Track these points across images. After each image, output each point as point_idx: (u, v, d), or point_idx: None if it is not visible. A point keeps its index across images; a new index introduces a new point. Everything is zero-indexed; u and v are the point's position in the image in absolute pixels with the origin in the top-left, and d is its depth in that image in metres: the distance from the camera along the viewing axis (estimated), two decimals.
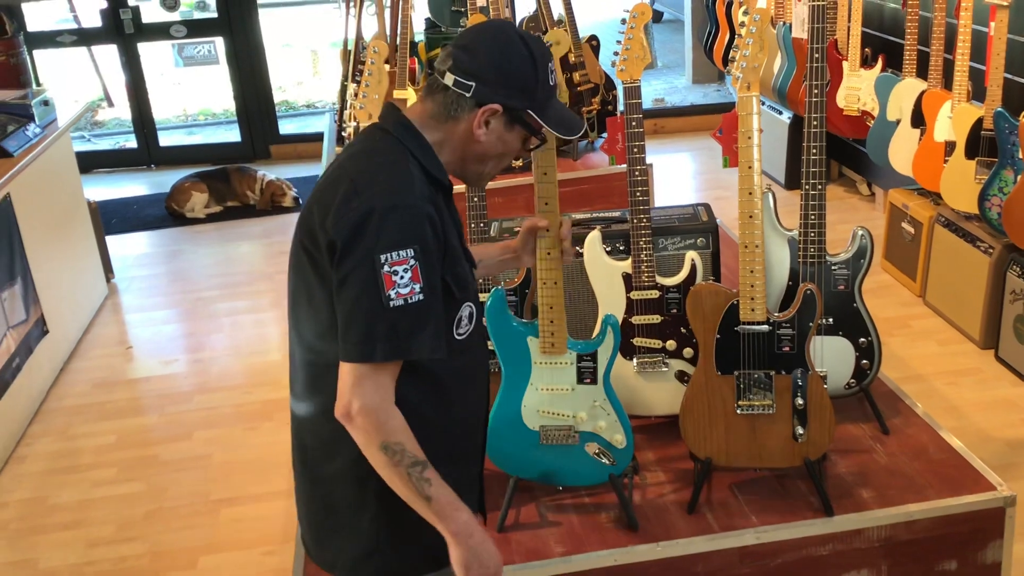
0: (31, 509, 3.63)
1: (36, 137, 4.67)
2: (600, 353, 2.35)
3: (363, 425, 1.64)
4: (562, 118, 1.81)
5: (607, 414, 2.39)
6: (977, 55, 4.11)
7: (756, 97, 2.44)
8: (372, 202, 1.62)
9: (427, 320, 1.64)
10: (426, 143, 1.74)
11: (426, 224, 1.64)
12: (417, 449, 1.66)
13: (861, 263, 2.68)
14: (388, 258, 1.60)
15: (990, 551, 2.52)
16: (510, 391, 2.39)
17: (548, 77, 1.77)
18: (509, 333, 2.34)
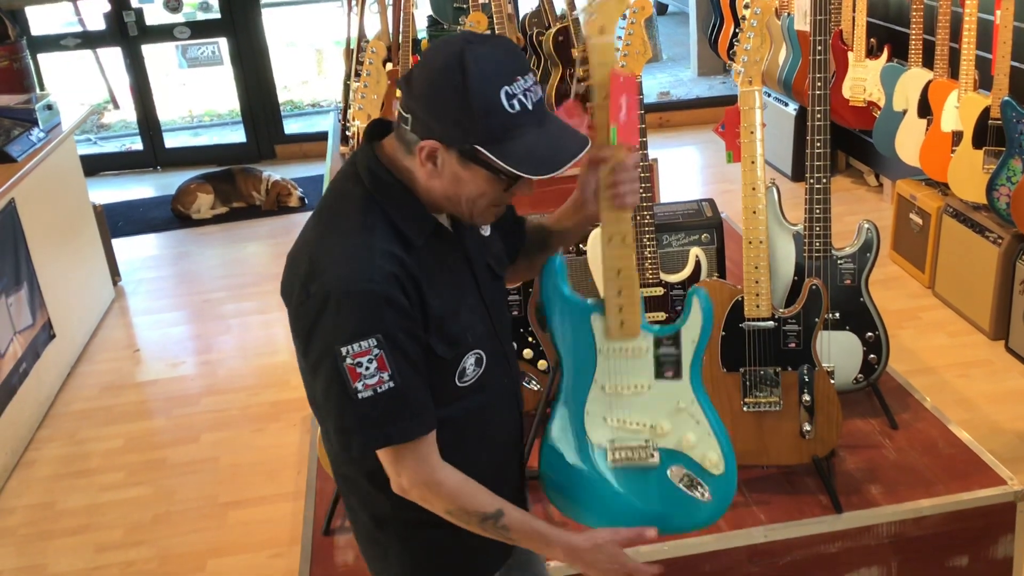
0: (40, 514, 3.64)
1: (40, 142, 4.66)
2: (685, 335, 1.72)
3: (419, 499, 1.60)
4: (531, 152, 1.47)
5: (696, 423, 1.73)
6: (983, 43, 4.07)
7: (758, 91, 2.42)
8: (326, 288, 1.49)
9: (401, 406, 1.53)
10: (399, 188, 1.56)
11: (384, 310, 1.48)
12: (481, 503, 1.60)
13: (867, 257, 2.66)
14: (349, 350, 1.48)
15: (1001, 546, 2.50)
16: (571, 395, 1.77)
17: (498, 104, 1.44)
18: (567, 311, 1.75)
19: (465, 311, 1.62)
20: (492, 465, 1.72)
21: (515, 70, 1.46)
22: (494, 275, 1.75)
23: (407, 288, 1.52)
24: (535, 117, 1.47)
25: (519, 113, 1.45)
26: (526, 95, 1.46)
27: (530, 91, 1.47)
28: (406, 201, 1.56)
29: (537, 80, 1.52)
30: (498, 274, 1.76)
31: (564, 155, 1.49)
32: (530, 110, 1.46)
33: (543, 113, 1.49)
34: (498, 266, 1.76)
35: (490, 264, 1.73)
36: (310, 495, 2.74)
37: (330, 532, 2.59)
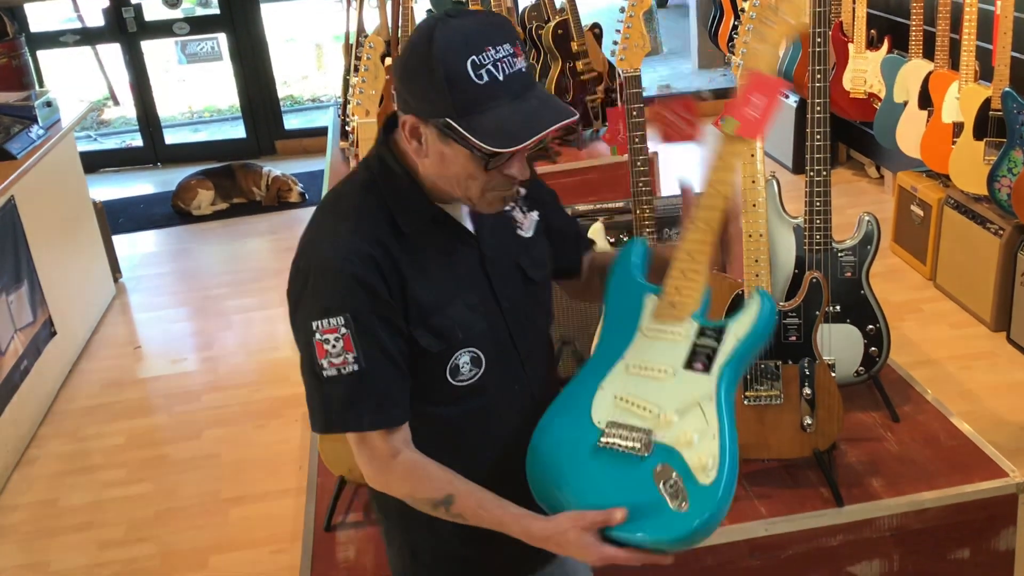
0: (42, 512, 3.64)
1: (39, 139, 4.66)
2: (730, 330, 1.57)
3: (379, 486, 1.62)
4: (501, 125, 1.41)
5: (704, 422, 1.52)
6: (984, 34, 4.06)
7: None
8: (309, 263, 1.53)
9: (363, 392, 1.52)
10: (402, 175, 1.56)
11: (357, 291, 1.49)
12: (431, 489, 1.57)
13: (868, 249, 2.65)
14: (319, 325, 1.50)
15: (1003, 538, 2.49)
16: (593, 367, 1.66)
17: (463, 75, 1.39)
18: (626, 288, 1.67)
19: (460, 307, 1.59)
20: (497, 470, 1.66)
21: (486, 40, 1.41)
22: (525, 277, 1.69)
23: (387, 274, 1.51)
24: (507, 88, 1.41)
25: (488, 84, 1.40)
26: (497, 65, 1.41)
27: (503, 62, 1.41)
28: (406, 188, 1.56)
29: (518, 51, 1.45)
30: (532, 278, 1.70)
31: (535, 127, 1.42)
32: (501, 81, 1.41)
33: (521, 84, 1.43)
34: (534, 269, 1.71)
35: (522, 266, 1.69)
36: (311, 491, 2.74)
37: (332, 528, 2.59)
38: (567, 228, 1.84)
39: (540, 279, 1.73)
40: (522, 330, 1.69)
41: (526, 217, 1.72)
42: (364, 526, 2.59)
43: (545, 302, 1.78)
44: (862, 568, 2.48)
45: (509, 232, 1.69)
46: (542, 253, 1.74)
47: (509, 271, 1.67)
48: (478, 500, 1.56)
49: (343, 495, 2.64)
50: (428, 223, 1.57)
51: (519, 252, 1.69)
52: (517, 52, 1.44)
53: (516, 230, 1.70)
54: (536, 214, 1.74)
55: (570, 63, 4.83)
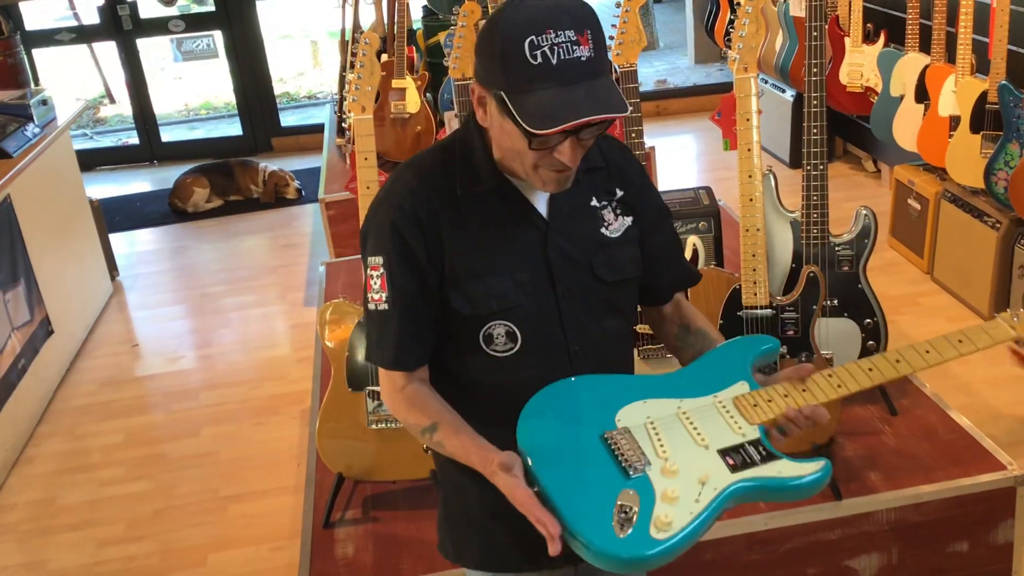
0: (40, 510, 3.64)
1: (35, 137, 4.65)
2: (777, 464, 1.55)
3: (391, 412, 1.74)
4: (540, 107, 1.44)
5: (695, 501, 1.51)
6: (980, 27, 4.06)
7: (754, 78, 2.41)
8: (373, 203, 1.68)
9: (388, 332, 1.65)
10: (479, 141, 1.62)
11: (393, 237, 1.61)
12: (420, 418, 1.66)
13: (865, 243, 2.65)
14: (370, 262, 1.65)
15: (1001, 531, 2.50)
16: (657, 382, 1.68)
17: (519, 53, 1.43)
18: (733, 362, 1.71)
19: (504, 280, 1.63)
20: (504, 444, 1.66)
21: (550, 23, 1.43)
22: (593, 275, 1.69)
23: (427, 233, 1.61)
24: (559, 74, 1.43)
25: (540, 66, 1.43)
26: (554, 49, 1.43)
27: (560, 47, 1.43)
28: (478, 154, 1.63)
29: (583, 40, 1.44)
30: (600, 276, 1.69)
31: (569, 115, 1.43)
32: (553, 65, 1.43)
33: (575, 73, 1.44)
34: (605, 269, 1.70)
35: (592, 262, 1.68)
36: (310, 488, 2.74)
37: (330, 525, 2.59)
38: (659, 251, 1.81)
39: (611, 280, 1.71)
40: (578, 324, 1.69)
41: (617, 219, 1.72)
42: (363, 522, 2.59)
43: (620, 305, 1.75)
44: (861, 561, 2.48)
45: (591, 227, 1.70)
46: (624, 258, 1.73)
47: (575, 262, 1.67)
48: (455, 428, 1.64)
49: (341, 492, 2.64)
50: (491, 193, 1.63)
51: (594, 248, 1.69)
52: (582, 40, 1.44)
53: (600, 228, 1.71)
54: (630, 220, 1.73)
55: None
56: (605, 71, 1.48)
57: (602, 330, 1.73)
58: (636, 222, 1.74)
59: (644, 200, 1.77)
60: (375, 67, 2.57)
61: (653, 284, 1.83)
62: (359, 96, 2.56)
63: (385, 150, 4.79)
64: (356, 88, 2.56)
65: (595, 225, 1.70)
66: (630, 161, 1.79)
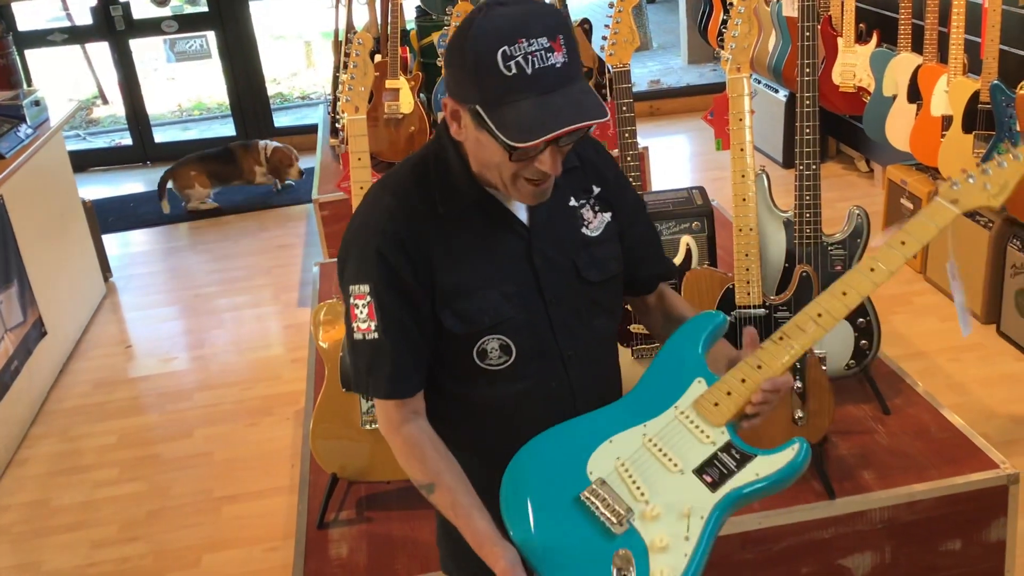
0: (34, 512, 3.63)
1: (28, 138, 4.64)
2: (756, 464, 1.54)
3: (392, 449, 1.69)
4: (520, 119, 1.40)
5: (684, 538, 1.48)
6: (972, 27, 4.07)
7: (746, 78, 2.42)
8: (351, 231, 1.63)
9: (382, 361, 1.60)
10: (454, 154, 1.58)
11: (378, 265, 1.56)
12: (419, 471, 1.62)
13: (858, 243, 2.65)
14: (353, 290, 1.60)
15: (994, 529, 2.51)
16: (615, 413, 1.64)
17: (492, 64, 1.39)
18: (684, 356, 1.65)
19: (493, 294, 1.60)
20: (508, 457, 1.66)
21: (521, 32, 1.39)
22: (579, 276, 1.67)
23: (412, 255, 1.57)
24: (536, 83, 1.40)
25: (516, 77, 1.39)
26: (528, 59, 1.39)
27: (534, 55, 1.39)
28: (454, 169, 1.59)
29: (556, 45, 1.41)
30: (585, 277, 1.68)
31: (551, 125, 1.40)
32: (528, 74, 1.39)
33: (551, 81, 1.41)
34: (590, 269, 1.68)
35: (577, 264, 1.67)
36: (304, 489, 2.74)
37: (324, 525, 2.59)
38: (640, 243, 1.80)
39: (597, 280, 1.69)
40: (568, 328, 1.67)
41: (596, 217, 1.70)
42: (357, 523, 2.59)
43: (607, 304, 1.75)
44: (854, 560, 2.49)
45: (572, 228, 1.68)
46: (607, 255, 1.71)
47: (561, 266, 1.66)
48: (453, 500, 1.60)
49: (335, 492, 2.64)
50: (471, 207, 1.60)
51: (577, 250, 1.67)
52: (555, 47, 1.41)
53: (581, 228, 1.69)
54: (609, 216, 1.72)
55: None
56: (580, 75, 1.46)
57: (592, 331, 1.72)
58: (615, 217, 1.73)
59: (620, 194, 1.76)
60: (368, 67, 2.57)
61: (635, 276, 1.81)
62: (352, 96, 2.56)
63: (379, 151, 4.79)
64: (349, 88, 2.56)
65: (576, 226, 1.68)
66: (604, 157, 1.77)
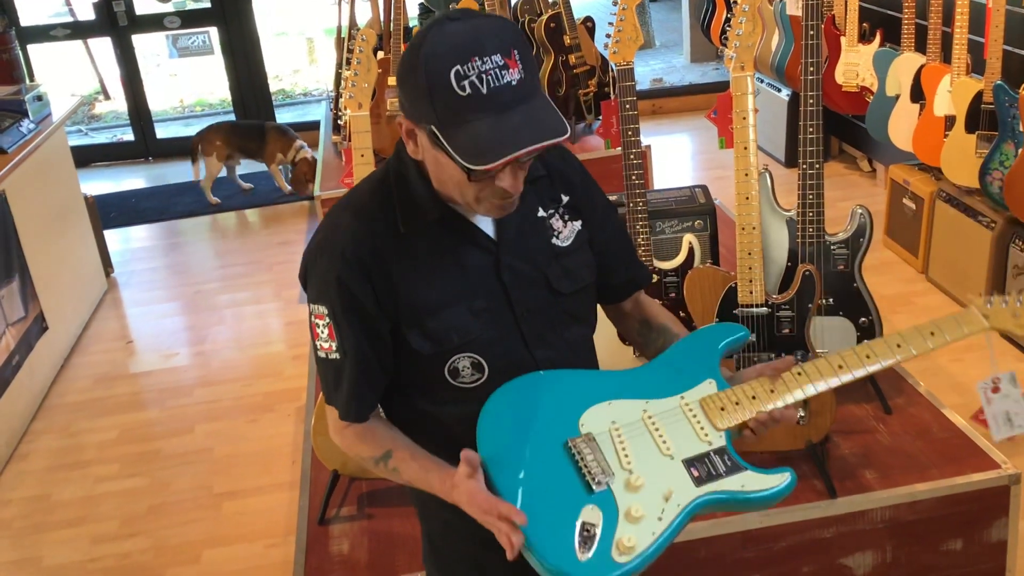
0: (34, 507, 3.63)
1: (30, 133, 4.64)
2: (741, 477, 1.55)
3: (343, 449, 1.72)
4: (475, 140, 1.36)
5: (658, 518, 1.49)
6: (976, 27, 4.06)
7: (750, 77, 2.41)
8: (311, 251, 1.61)
9: (341, 381, 1.61)
10: (413, 172, 1.55)
11: (339, 290, 1.54)
12: (374, 447, 1.63)
13: (861, 242, 2.65)
14: (314, 310, 1.60)
15: (995, 529, 2.51)
16: (623, 380, 1.64)
17: (446, 85, 1.35)
18: (701, 357, 1.66)
19: (460, 312, 1.57)
20: None
21: (475, 50, 1.35)
22: (550, 288, 1.64)
23: (374, 277, 1.54)
24: (492, 102, 1.36)
25: (470, 97, 1.35)
26: (482, 78, 1.35)
27: (488, 73, 1.35)
28: (415, 187, 1.55)
29: (511, 63, 1.37)
30: (558, 290, 1.65)
31: (509, 146, 1.36)
32: (483, 94, 1.35)
33: (507, 98, 1.37)
34: (562, 280, 1.65)
35: (548, 276, 1.64)
36: (305, 485, 2.74)
37: (325, 522, 2.59)
38: (611, 249, 1.76)
39: (568, 291, 1.66)
40: (542, 340, 1.64)
41: (566, 226, 1.67)
42: (358, 520, 2.59)
43: (581, 314, 1.72)
44: (855, 559, 2.49)
45: (541, 239, 1.65)
46: (579, 265, 1.68)
47: (531, 279, 1.62)
48: (411, 452, 1.62)
49: (336, 489, 2.64)
50: (435, 224, 1.56)
51: (547, 261, 1.64)
52: (510, 64, 1.37)
53: (551, 238, 1.65)
54: (579, 224, 1.68)
55: (563, 57, 4.83)
56: (537, 91, 1.42)
57: (566, 342, 1.68)
58: (585, 225, 1.69)
59: (588, 201, 1.72)
60: (372, 64, 2.57)
61: (607, 283, 1.78)
62: (356, 93, 2.56)
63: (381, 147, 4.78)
64: (353, 85, 2.56)
65: (545, 237, 1.65)
66: (570, 163, 1.72)
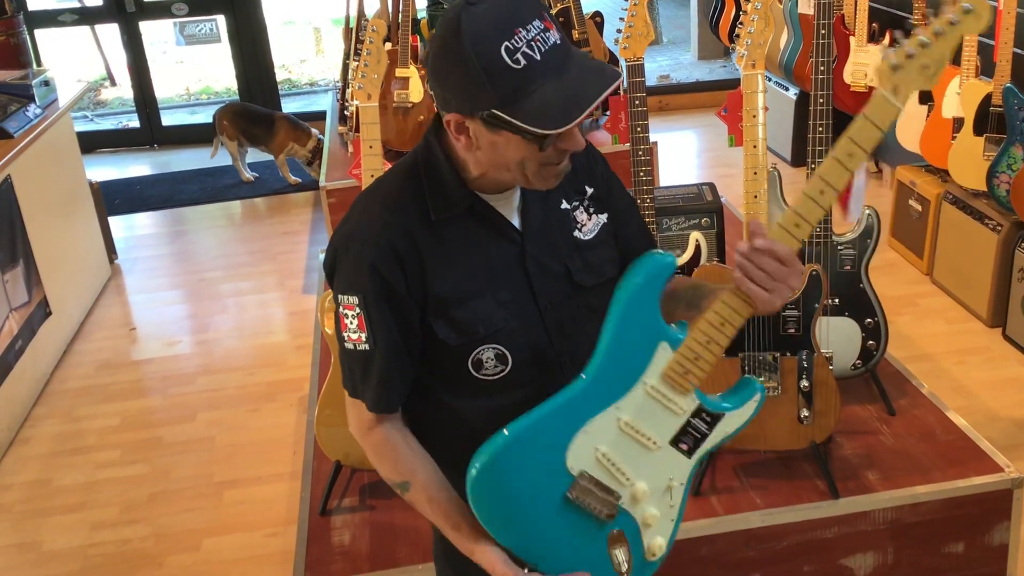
0: (35, 491, 3.63)
1: (37, 118, 4.64)
2: (724, 422, 1.57)
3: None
4: (547, 105, 1.38)
5: (670, 506, 1.57)
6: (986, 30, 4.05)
7: (761, 75, 2.41)
8: (339, 241, 1.58)
9: (370, 372, 1.58)
10: (444, 163, 1.54)
11: (372, 277, 1.52)
12: (393, 470, 1.61)
13: (868, 243, 2.65)
14: (343, 300, 1.57)
15: (997, 533, 2.50)
16: (579, 401, 1.53)
17: (501, 63, 1.37)
18: (640, 322, 1.53)
19: (487, 302, 1.57)
20: None
21: (515, 22, 1.38)
22: (572, 281, 1.64)
23: (406, 265, 1.53)
24: (548, 66, 1.39)
25: (527, 67, 1.37)
26: (532, 46, 1.38)
27: (536, 41, 1.38)
28: (445, 176, 1.55)
29: (548, 24, 1.40)
30: (578, 282, 1.64)
31: (583, 101, 1.39)
32: (539, 61, 1.38)
33: (559, 59, 1.40)
34: (584, 273, 1.65)
35: (570, 269, 1.63)
36: (307, 475, 2.74)
37: (327, 512, 2.59)
38: (632, 242, 1.74)
39: (590, 284, 1.65)
40: (564, 334, 1.64)
41: (590, 219, 1.67)
42: (359, 511, 2.59)
43: (600, 307, 1.66)
44: (856, 560, 2.49)
45: (564, 232, 1.64)
46: (601, 259, 1.68)
47: (554, 271, 1.62)
48: (429, 496, 1.59)
49: (339, 480, 2.64)
50: (465, 214, 1.56)
51: (570, 254, 1.64)
52: (547, 25, 1.40)
53: (574, 231, 1.65)
54: (604, 218, 1.68)
55: None
56: (571, 44, 1.45)
57: (587, 336, 1.65)
58: (610, 218, 1.69)
59: (613, 194, 1.72)
60: (382, 55, 2.56)
61: None
62: (365, 84, 2.55)
63: (387, 139, 4.78)
64: (362, 76, 2.55)
65: (568, 229, 1.64)
66: (594, 156, 1.73)
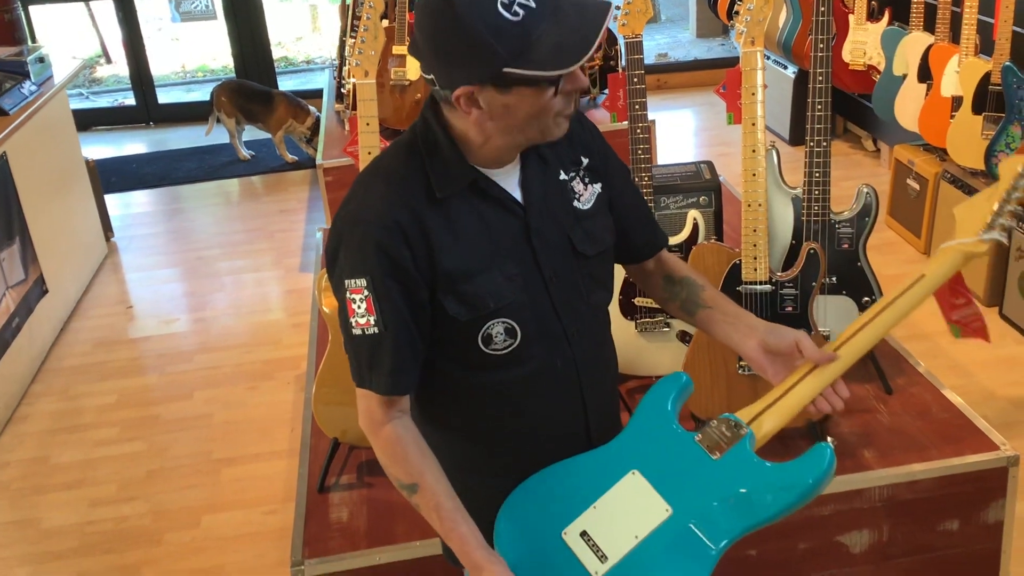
0: (33, 469, 3.64)
1: (32, 95, 4.62)
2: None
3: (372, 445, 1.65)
4: (558, 46, 1.40)
5: None
6: (985, 8, 4.04)
7: (760, 52, 2.39)
8: (343, 223, 1.55)
9: (381, 356, 1.55)
10: (444, 140, 1.53)
11: (380, 256, 1.50)
12: (401, 471, 1.60)
13: (866, 221, 2.64)
14: (349, 284, 1.54)
15: (992, 511, 2.51)
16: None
17: (501, 20, 1.38)
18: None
19: (495, 276, 1.57)
20: (525, 445, 1.68)
21: None
22: (574, 251, 1.65)
23: (413, 242, 1.51)
24: (544, 8, 1.40)
25: (526, 17, 1.38)
26: (513, 4, 1.38)
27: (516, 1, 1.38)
28: (446, 152, 1.54)
29: None
30: (581, 251, 1.65)
31: (589, 33, 1.40)
32: (535, 7, 1.39)
33: (550, 1, 1.41)
34: (585, 243, 1.66)
35: (572, 238, 1.64)
36: (304, 452, 2.74)
37: (325, 489, 2.59)
38: (629, 211, 1.77)
39: (592, 253, 1.67)
40: (569, 305, 1.65)
41: (587, 189, 1.68)
42: (357, 488, 2.59)
43: (601, 278, 1.72)
44: (851, 537, 2.50)
45: (564, 202, 1.65)
46: (600, 228, 1.69)
47: (557, 243, 1.63)
48: (436, 503, 1.58)
49: (336, 457, 2.64)
50: (468, 190, 1.55)
51: (571, 224, 1.64)
52: None
53: (573, 201, 1.66)
54: (599, 187, 1.69)
55: None
56: None
57: (590, 307, 1.70)
58: (605, 188, 1.70)
59: (608, 164, 1.73)
60: (379, 31, 2.54)
61: (629, 243, 1.79)
62: (362, 60, 2.53)
63: (384, 117, 4.75)
64: (359, 52, 2.54)
65: (567, 200, 1.65)
66: (588, 127, 1.74)
